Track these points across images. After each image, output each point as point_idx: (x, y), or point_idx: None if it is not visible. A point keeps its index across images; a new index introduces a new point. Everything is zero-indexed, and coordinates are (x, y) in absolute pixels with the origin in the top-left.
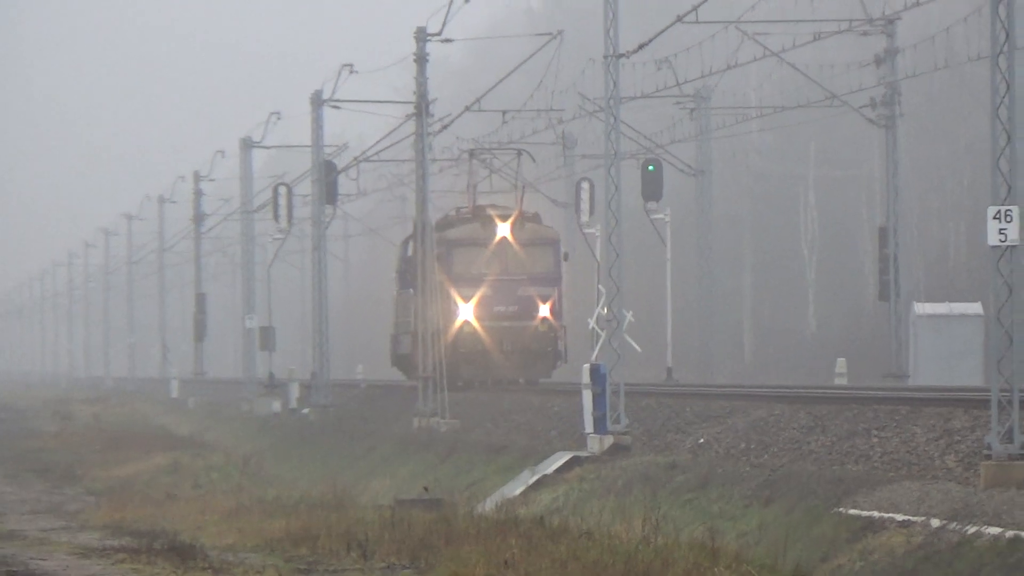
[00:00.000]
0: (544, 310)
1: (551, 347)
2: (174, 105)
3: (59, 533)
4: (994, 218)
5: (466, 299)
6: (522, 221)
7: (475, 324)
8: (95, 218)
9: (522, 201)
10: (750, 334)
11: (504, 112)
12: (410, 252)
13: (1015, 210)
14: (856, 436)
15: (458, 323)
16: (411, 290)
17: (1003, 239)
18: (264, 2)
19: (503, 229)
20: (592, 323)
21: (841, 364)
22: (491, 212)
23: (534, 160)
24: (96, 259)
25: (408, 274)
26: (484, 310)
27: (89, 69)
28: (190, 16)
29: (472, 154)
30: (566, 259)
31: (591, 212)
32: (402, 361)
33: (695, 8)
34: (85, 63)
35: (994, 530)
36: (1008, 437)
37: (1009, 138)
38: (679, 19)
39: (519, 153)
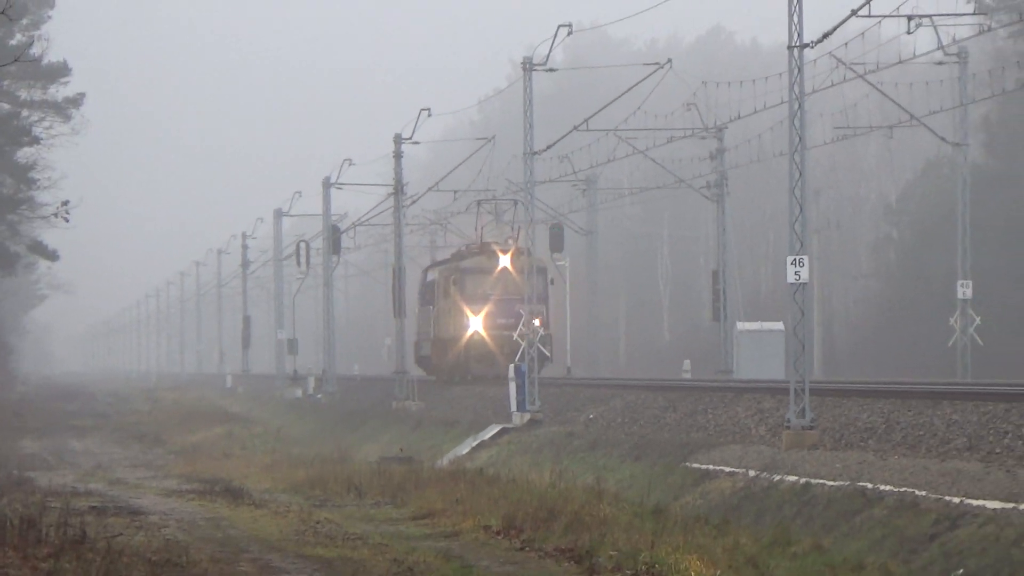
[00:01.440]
0: (536, 322)
1: (542, 351)
2: (226, 182)
3: (149, 480)
4: (791, 264)
5: (475, 313)
6: (518, 254)
7: (483, 333)
8: (174, 262)
9: (518, 238)
10: (624, 343)
11: (455, 192)
12: (429, 279)
13: (805, 258)
14: (697, 413)
15: (469, 332)
16: (430, 307)
17: (797, 278)
18: (289, 116)
19: (504, 260)
20: (516, 335)
21: (687, 364)
22: (494, 247)
23: (527, 208)
24: (175, 292)
25: (426, 296)
26: (489, 322)
27: (157, 164)
28: (224, 122)
29: (480, 204)
30: (552, 284)
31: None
32: (424, 361)
33: (586, 120)
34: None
35: (792, 478)
36: (801, 414)
37: (801, 209)
38: (575, 128)
39: (515, 203)
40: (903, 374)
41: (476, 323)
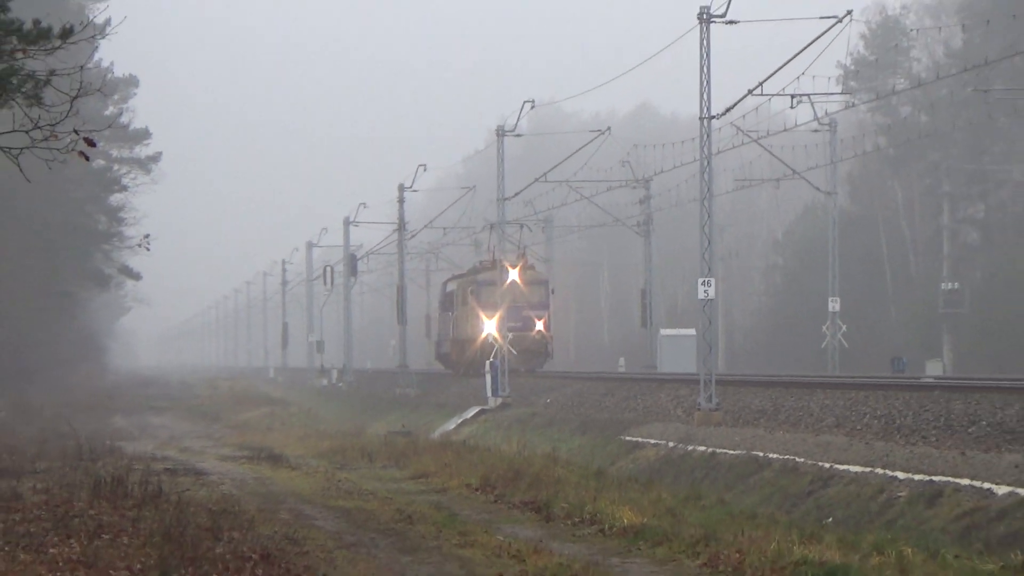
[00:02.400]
0: (539, 325)
1: (543, 349)
2: (269, 220)
3: (210, 448)
4: (701, 284)
5: (489, 318)
6: (525, 269)
7: (495, 334)
8: (229, 281)
9: (524, 256)
10: (573, 344)
11: (444, 229)
12: (448, 290)
13: (712, 280)
14: (630, 399)
15: (484, 334)
16: (450, 313)
17: (706, 295)
18: (318, 170)
19: (513, 274)
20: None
21: (622, 361)
22: (505, 263)
23: (531, 231)
24: (231, 304)
25: (446, 304)
26: (501, 325)
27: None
28: (269, 175)
29: (492, 227)
30: (552, 293)
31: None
32: (444, 358)
33: (545, 174)
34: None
35: (701, 448)
36: (709, 399)
37: (709, 242)
38: (537, 179)
39: (520, 227)
40: (787, 369)
41: (490, 326)
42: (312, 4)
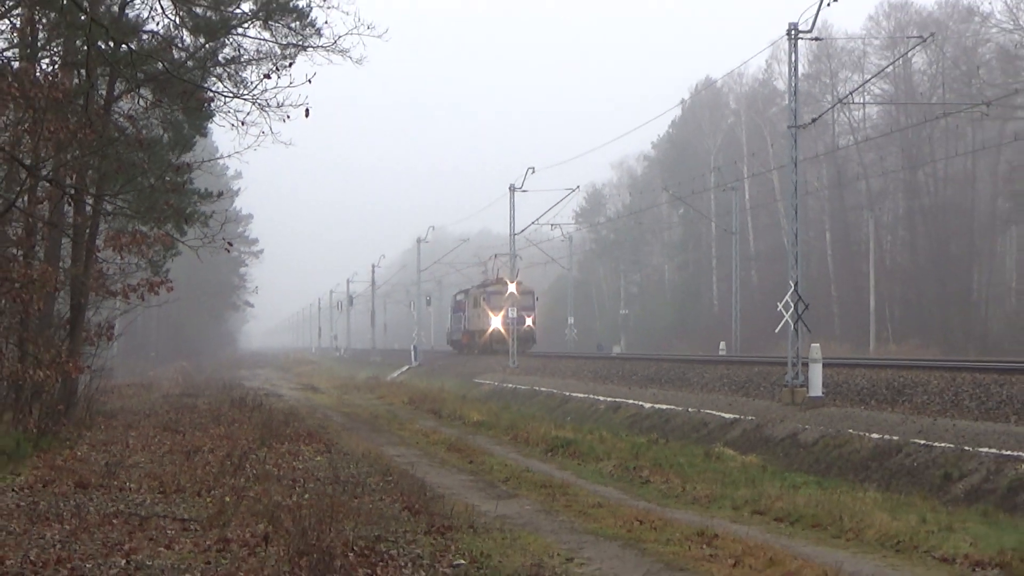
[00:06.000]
0: (529, 322)
1: (532, 337)
2: (339, 251)
3: (284, 384)
4: (621, 312)
5: (495, 315)
6: (519, 284)
7: (500, 328)
8: (318, 290)
9: (518, 276)
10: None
11: (452, 265)
12: (458, 299)
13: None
14: (471, 362)
15: (492, 328)
16: (460, 313)
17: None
18: (342, 221)
19: (511, 287)
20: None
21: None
22: (506, 280)
23: (521, 259)
24: (323, 303)
25: (455, 308)
26: (503, 321)
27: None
28: (337, 216)
29: (496, 256)
30: (537, 300)
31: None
32: (455, 343)
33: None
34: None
35: (509, 385)
36: (513, 362)
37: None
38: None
39: (513, 256)
40: (559, 349)
41: (496, 322)
42: None
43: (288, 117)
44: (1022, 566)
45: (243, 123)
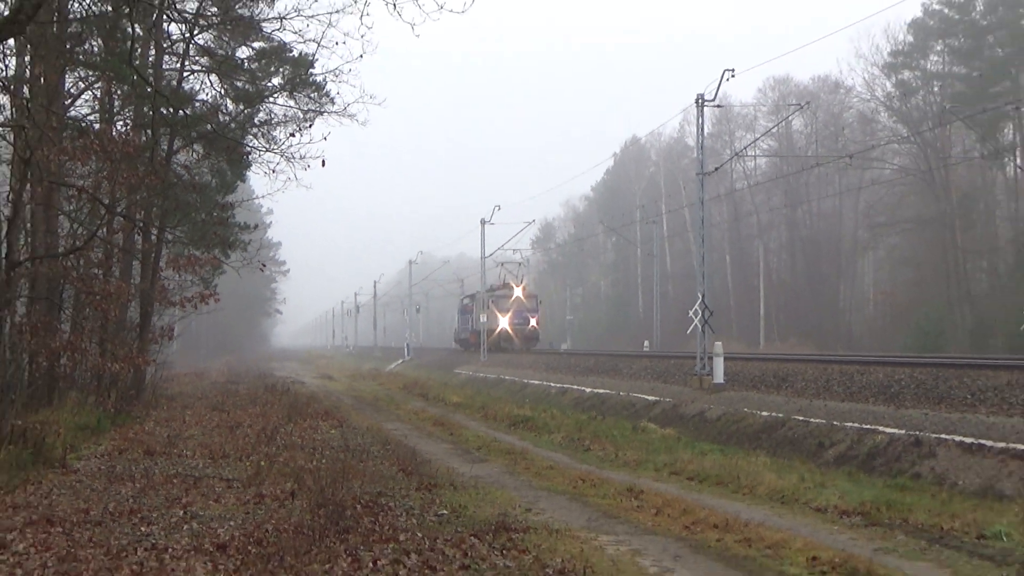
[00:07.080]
0: (533, 322)
1: (536, 336)
2: (349, 269)
3: (306, 374)
4: (568, 318)
5: (503, 316)
6: (524, 288)
7: (508, 327)
8: (333, 299)
9: (523, 281)
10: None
11: (436, 281)
12: (465, 302)
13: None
14: (459, 355)
15: (499, 327)
16: (468, 315)
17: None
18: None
19: (517, 291)
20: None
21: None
22: (512, 285)
23: (527, 265)
24: (337, 311)
25: (463, 310)
26: (510, 321)
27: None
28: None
29: (503, 265)
30: (540, 303)
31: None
32: (462, 342)
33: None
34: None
35: (481, 375)
36: (484, 356)
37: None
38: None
39: (519, 263)
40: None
41: (504, 322)
42: None
43: (308, 166)
44: (878, 514)
45: (273, 171)
